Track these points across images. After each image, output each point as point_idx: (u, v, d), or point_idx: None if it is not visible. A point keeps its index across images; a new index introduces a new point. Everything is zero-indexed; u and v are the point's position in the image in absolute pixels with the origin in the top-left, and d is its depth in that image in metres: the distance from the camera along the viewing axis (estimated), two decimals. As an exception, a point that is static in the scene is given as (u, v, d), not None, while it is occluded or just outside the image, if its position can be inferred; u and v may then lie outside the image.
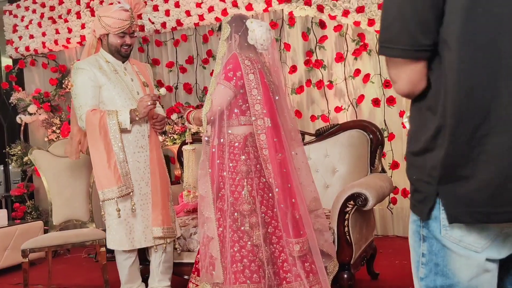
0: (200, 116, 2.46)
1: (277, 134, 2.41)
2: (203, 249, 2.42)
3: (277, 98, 2.48)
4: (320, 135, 3.46)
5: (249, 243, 2.34)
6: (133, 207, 2.70)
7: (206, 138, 2.44)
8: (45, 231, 4.44)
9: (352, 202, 2.68)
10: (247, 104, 2.39)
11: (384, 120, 4.44)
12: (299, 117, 4.67)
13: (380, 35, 1.10)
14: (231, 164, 2.38)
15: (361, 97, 4.53)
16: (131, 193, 2.71)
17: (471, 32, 0.98)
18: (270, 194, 2.40)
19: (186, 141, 2.74)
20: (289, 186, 2.39)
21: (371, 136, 3.29)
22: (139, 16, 4.98)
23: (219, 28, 2.52)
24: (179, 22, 5.04)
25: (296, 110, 4.65)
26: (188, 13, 4.98)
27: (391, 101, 4.43)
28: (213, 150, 2.41)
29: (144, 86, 2.88)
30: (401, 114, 4.40)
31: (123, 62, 2.89)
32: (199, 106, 4.80)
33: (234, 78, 2.36)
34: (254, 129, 2.39)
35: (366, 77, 4.52)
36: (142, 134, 2.80)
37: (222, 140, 2.41)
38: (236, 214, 2.36)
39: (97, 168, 2.69)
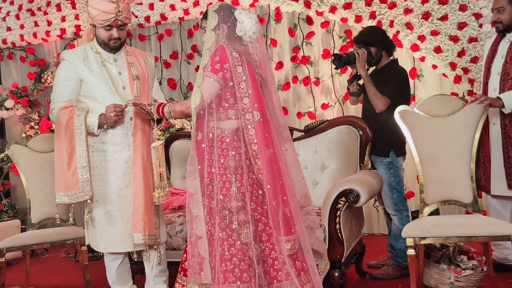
0: (181, 109, 2.36)
1: (268, 129, 2.32)
2: (190, 248, 2.32)
3: (266, 92, 2.40)
4: (309, 131, 3.40)
5: (238, 241, 2.25)
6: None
7: (196, 133, 2.34)
8: (22, 230, 4.28)
9: (343, 199, 2.63)
10: (235, 98, 2.30)
11: (371, 118, 4.40)
12: (285, 114, 4.60)
13: None
14: (221, 160, 2.29)
15: (348, 94, 4.48)
16: (105, 195, 2.59)
17: None
18: (260, 192, 2.32)
19: (154, 138, 2.58)
20: (280, 182, 2.30)
21: (360, 132, 3.25)
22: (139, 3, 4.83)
23: (205, 16, 2.40)
24: (163, 16, 4.93)
25: (283, 107, 4.56)
26: (172, 7, 4.87)
27: (378, 98, 4.39)
28: (203, 145, 2.31)
29: (134, 79, 2.68)
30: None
31: (115, 53, 2.71)
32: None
33: (222, 70, 2.27)
34: (242, 123, 2.30)
35: (353, 74, 4.47)
36: (125, 133, 2.64)
37: (211, 135, 2.31)
38: (224, 211, 2.27)
39: (57, 169, 2.57)
